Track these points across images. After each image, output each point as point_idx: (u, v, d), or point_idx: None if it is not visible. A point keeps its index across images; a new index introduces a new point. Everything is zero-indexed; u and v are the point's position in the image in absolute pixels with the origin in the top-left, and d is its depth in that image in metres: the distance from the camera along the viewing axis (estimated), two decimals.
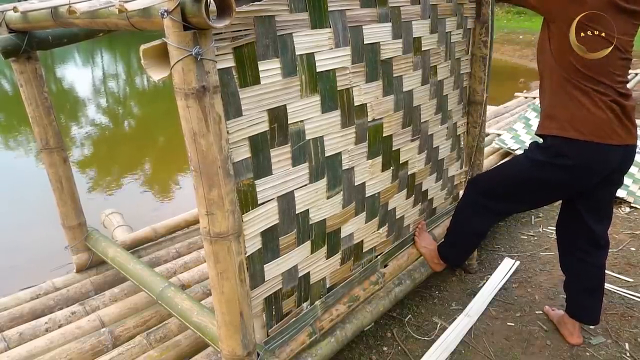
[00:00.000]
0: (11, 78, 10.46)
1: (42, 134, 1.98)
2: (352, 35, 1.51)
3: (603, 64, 1.57)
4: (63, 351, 1.74)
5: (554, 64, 1.65)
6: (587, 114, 1.59)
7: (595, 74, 1.58)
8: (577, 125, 1.60)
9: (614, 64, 1.58)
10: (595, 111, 1.58)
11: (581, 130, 1.60)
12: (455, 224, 2.12)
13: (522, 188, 1.79)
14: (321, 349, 1.69)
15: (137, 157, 5.72)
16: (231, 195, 1.14)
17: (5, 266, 3.10)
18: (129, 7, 0.97)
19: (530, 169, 1.72)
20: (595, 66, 1.57)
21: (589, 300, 1.90)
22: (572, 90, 1.61)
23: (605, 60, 1.56)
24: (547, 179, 1.69)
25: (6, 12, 1.68)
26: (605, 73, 1.58)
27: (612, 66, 1.58)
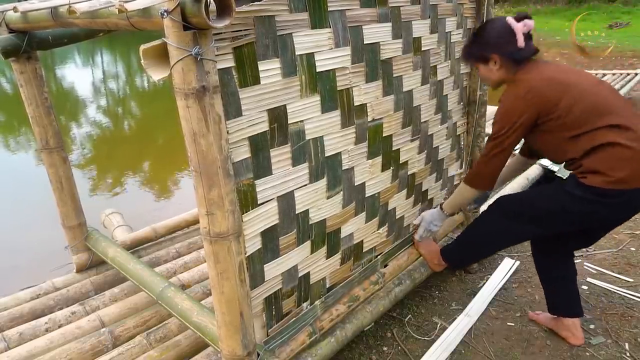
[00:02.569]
0: (11, 78, 10.45)
1: (42, 134, 1.98)
2: (352, 35, 1.51)
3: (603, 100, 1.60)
4: (63, 351, 1.74)
5: (561, 139, 1.63)
6: (622, 151, 1.53)
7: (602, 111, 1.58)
8: (618, 172, 1.52)
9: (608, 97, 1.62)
10: (631, 145, 1.53)
11: (626, 180, 1.52)
12: (470, 235, 2.03)
13: (554, 218, 1.71)
14: (321, 349, 1.69)
15: (137, 157, 5.72)
16: (231, 195, 1.14)
17: (5, 266, 3.10)
18: (129, 7, 0.97)
19: (570, 203, 1.64)
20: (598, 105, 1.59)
21: (575, 291, 1.95)
22: (593, 137, 1.57)
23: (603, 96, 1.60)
24: (585, 213, 1.63)
25: (6, 12, 1.68)
26: (609, 107, 1.59)
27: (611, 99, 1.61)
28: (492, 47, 1.72)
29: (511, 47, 1.68)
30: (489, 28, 1.77)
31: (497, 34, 1.72)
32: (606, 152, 1.54)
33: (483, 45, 1.75)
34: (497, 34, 1.72)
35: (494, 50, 1.72)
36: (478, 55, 1.78)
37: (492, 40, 1.72)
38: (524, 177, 3.32)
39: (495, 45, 1.71)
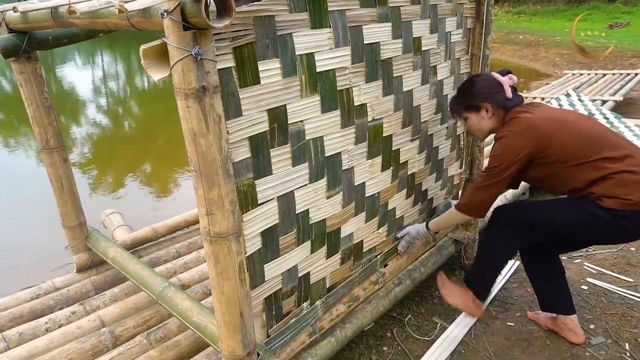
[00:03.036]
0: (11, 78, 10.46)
1: (42, 134, 1.98)
2: (352, 35, 1.51)
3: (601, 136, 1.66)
4: (63, 351, 1.74)
5: (567, 169, 1.65)
6: (630, 176, 1.58)
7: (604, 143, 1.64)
8: (634, 195, 1.57)
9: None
10: (636, 170, 1.60)
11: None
12: (488, 255, 1.93)
13: (570, 231, 1.72)
14: (321, 349, 1.69)
15: (137, 157, 5.72)
16: (231, 195, 1.14)
17: (5, 266, 3.10)
18: (129, 7, 0.97)
19: (590, 220, 1.64)
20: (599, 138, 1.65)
21: (566, 288, 1.97)
22: (596, 167, 1.62)
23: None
24: (602, 231, 1.66)
25: (6, 12, 1.68)
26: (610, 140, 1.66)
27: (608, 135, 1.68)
28: (483, 97, 1.81)
29: (500, 97, 1.79)
30: (477, 81, 1.88)
31: (486, 85, 1.82)
32: (615, 179, 1.59)
33: (474, 96, 1.83)
34: (486, 85, 1.82)
35: (485, 99, 1.80)
36: (470, 104, 1.84)
37: (482, 91, 1.82)
38: None
39: (486, 95, 1.80)
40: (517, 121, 1.71)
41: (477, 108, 1.82)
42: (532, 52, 11.50)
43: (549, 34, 13.53)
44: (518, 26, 15.43)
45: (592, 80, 6.54)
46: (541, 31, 14.12)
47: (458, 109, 1.90)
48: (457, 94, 1.92)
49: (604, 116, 4.66)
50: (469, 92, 1.86)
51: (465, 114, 1.87)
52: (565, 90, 5.41)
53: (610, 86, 6.02)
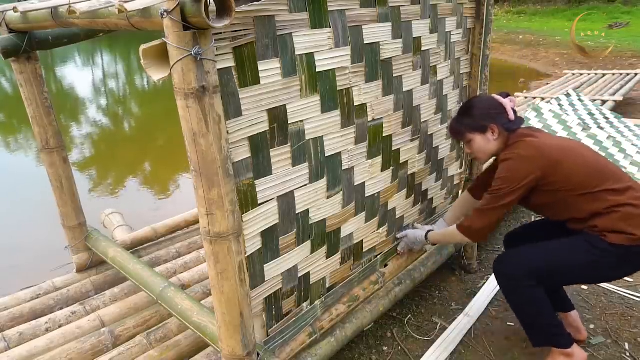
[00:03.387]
0: (11, 78, 10.46)
1: (42, 134, 1.98)
2: (352, 35, 1.51)
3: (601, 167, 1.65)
4: (63, 351, 1.74)
5: (570, 197, 1.63)
6: (632, 210, 1.58)
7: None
8: (638, 229, 1.56)
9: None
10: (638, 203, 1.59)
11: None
12: (521, 315, 1.79)
13: (573, 272, 1.68)
14: (321, 349, 1.69)
15: (137, 157, 5.73)
16: (231, 195, 1.14)
17: (5, 266, 3.10)
18: (129, 7, 0.97)
19: (600, 257, 1.61)
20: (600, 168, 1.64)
21: (562, 290, 1.98)
22: (598, 198, 1.60)
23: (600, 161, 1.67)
24: (605, 268, 1.64)
25: (6, 12, 1.68)
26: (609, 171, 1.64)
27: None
28: (490, 118, 1.75)
29: (504, 119, 1.75)
30: (480, 102, 1.82)
31: (491, 106, 1.77)
32: (619, 213, 1.57)
33: (480, 116, 1.77)
34: (490, 106, 1.77)
35: (492, 120, 1.74)
36: (476, 125, 1.77)
37: (488, 112, 1.76)
38: None
39: (492, 116, 1.75)
40: (524, 144, 1.66)
41: (484, 129, 1.76)
42: (532, 52, 11.51)
43: (549, 34, 13.53)
44: (518, 26, 15.43)
45: (592, 80, 6.54)
46: (541, 31, 14.13)
47: (462, 130, 1.82)
48: (459, 114, 1.85)
49: (604, 116, 4.66)
50: (473, 112, 1.78)
51: (470, 135, 1.79)
52: (565, 90, 5.41)
53: (610, 86, 6.03)
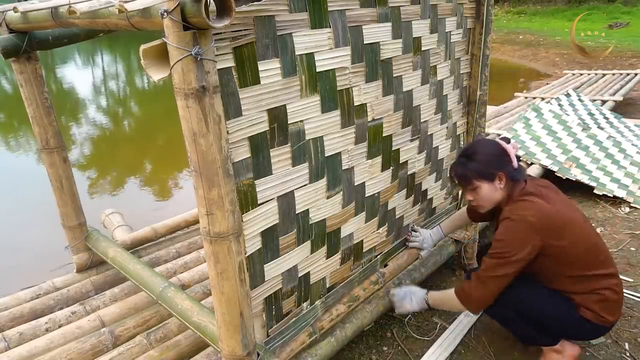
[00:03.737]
0: (11, 78, 10.46)
1: (42, 134, 1.98)
2: (352, 35, 1.51)
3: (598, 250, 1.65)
4: (63, 351, 1.74)
5: (560, 271, 1.64)
6: (611, 295, 1.63)
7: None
8: (609, 315, 1.63)
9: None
10: (619, 290, 1.65)
11: (611, 321, 1.65)
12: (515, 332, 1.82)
13: (553, 322, 1.69)
14: (321, 349, 1.69)
15: (137, 157, 5.73)
16: (231, 195, 1.14)
17: (5, 266, 3.10)
18: (129, 7, 0.97)
19: (571, 321, 1.66)
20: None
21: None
22: (592, 281, 1.62)
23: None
24: (577, 328, 1.68)
25: (6, 12, 1.68)
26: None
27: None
28: (498, 165, 1.66)
29: (511, 167, 1.67)
30: (485, 147, 1.72)
31: (498, 152, 1.69)
32: (598, 296, 1.61)
33: (488, 163, 1.67)
34: (497, 153, 1.68)
35: (500, 167, 1.66)
36: (484, 172, 1.67)
37: (496, 159, 1.68)
38: None
39: (500, 163, 1.67)
40: (530, 205, 1.59)
41: (492, 177, 1.66)
42: (532, 52, 11.51)
43: (549, 34, 13.53)
44: (518, 26, 15.44)
45: (592, 80, 6.54)
46: (541, 31, 14.13)
47: (468, 176, 1.69)
48: (465, 159, 1.71)
49: (604, 116, 4.66)
50: (480, 158, 1.68)
51: (477, 182, 1.68)
52: (565, 90, 5.41)
53: (610, 86, 6.03)
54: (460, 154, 1.75)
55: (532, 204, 1.60)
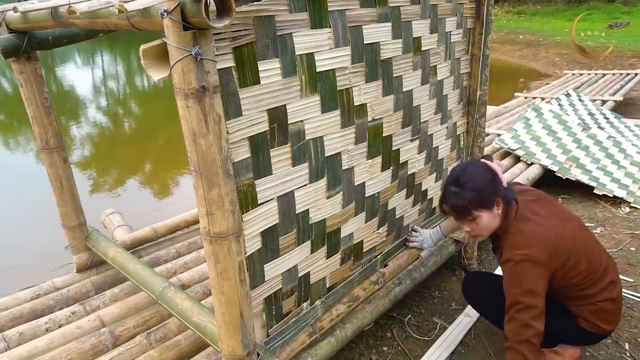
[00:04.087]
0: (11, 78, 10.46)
1: (42, 134, 1.98)
2: (352, 35, 1.51)
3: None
4: (63, 351, 1.74)
5: (560, 296, 1.65)
6: (609, 305, 1.63)
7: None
8: (605, 325, 1.64)
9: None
10: (617, 297, 1.64)
11: (608, 330, 1.66)
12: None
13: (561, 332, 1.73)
14: (321, 349, 1.69)
15: (138, 157, 5.73)
16: (231, 195, 1.14)
17: (5, 266, 3.10)
18: (129, 7, 0.97)
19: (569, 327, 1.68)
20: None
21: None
22: (592, 299, 1.62)
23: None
24: (571, 329, 1.69)
25: (6, 12, 1.68)
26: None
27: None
28: (494, 190, 1.56)
29: (502, 188, 1.58)
30: (475, 173, 1.59)
31: (489, 176, 1.58)
32: (596, 307, 1.61)
33: (485, 191, 1.56)
34: (490, 177, 1.58)
35: (496, 193, 1.56)
36: (483, 201, 1.55)
37: (490, 184, 1.57)
38: (524, 177, 3.32)
39: (496, 188, 1.56)
40: (530, 238, 1.51)
41: (491, 204, 1.55)
42: (532, 52, 11.51)
43: (549, 34, 13.53)
44: (518, 26, 15.43)
45: (592, 80, 6.54)
46: (541, 31, 14.13)
47: (466, 207, 1.56)
48: (458, 188, 1.56)
49: (604, 116, 4.66)
50: (476, 185, 1.55)
51: (477, 212, 1.56)
52: (565, 90, 5.41)
53: (610, 86, 6.03)
54: (451, 183, 1.60)
55: (531, 236, 1.52)
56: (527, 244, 1.51)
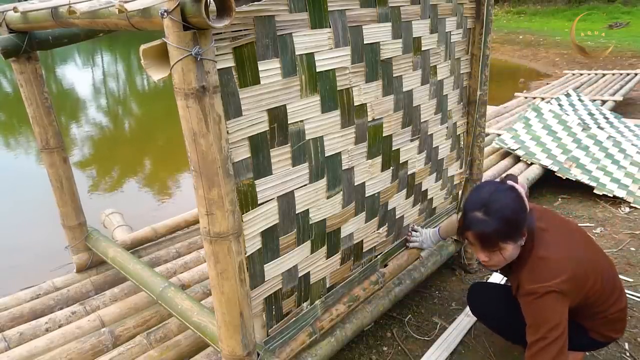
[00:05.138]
0: (11, 78, 10.46)
1: (42, 134, 1.98)
2: (352, 35, 1.51)
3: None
4: (63, 351, 1.74)
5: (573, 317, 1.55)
6: (618, 315, 1.62)
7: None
8: (614, 333, 1.63)
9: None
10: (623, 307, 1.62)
11: (615, 338, 1.66)
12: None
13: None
14: (321, 349, 1.69)
15: (137, 157, 5.73)
16: (231, 195, 1.14)
17: (5, 266, 3.10)
18: (129, 7, 0.97)
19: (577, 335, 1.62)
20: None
21: None
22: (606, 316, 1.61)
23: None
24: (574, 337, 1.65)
25: (6, 12, 1.68)
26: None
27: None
28: (523, 221, 1.45)
29: (527, 216, 1.47)
30: (505, 200, 1.45)
31: (519, 204, 1.45)
32: (605, 319, 1.59)
33: (516, 222, 1.44)
34: (518, 205, 1.45)
35: (525, 223, 1.45)
36: (513, 234, 1.44)
37: (520, 215, 1.44)
38: (524, 177, 3.32)
39: (524, 219, 1.45)
40: (553, 268, 1.43)
41: (519, 237, 1.45)
42: (532, 52, 11.51)
43: (549, 34, 13.53)
44: (518, 26, 15.44)
45: (592, 80, 6.55)
46: (541, 31, 14.13)
47: (493, 238, 1.43)
48: (487, 216, 1.43)
49: (604, 116, 4.66)
50: (507, 215, 1.43)
51: (503, 244, 1.44)
52: (565, 90, 5.41)
53: (610, 86, 6.03)
54: (476, 208, 1.46)
55: (553, 267, 1.43)
56: (550, 275, 1.42)
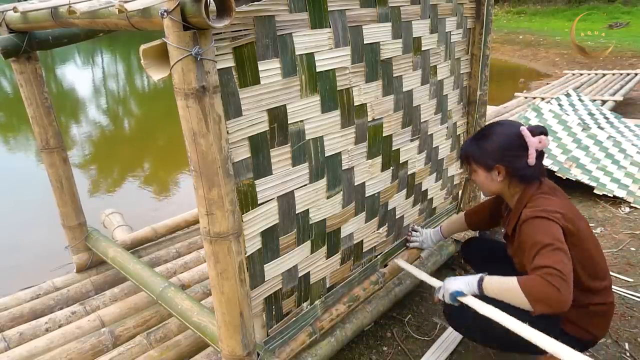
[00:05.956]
0: (11, 78, 10.46)
1: (42, 134, 1.98)
2: (352, 35, 1.51)
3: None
4: (63, 351, 1.74)
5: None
6: (601, 308, 1.56)
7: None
8: (596, 330, 1.57)
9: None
10: (608, 302, 1.56)
11: (599, 336, 1.59)
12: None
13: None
14: (321, 349, 1.69)
15: (137, 157, 5.73)
16: (231, 195, 1.14)
17: (5, 266, 3.10)
18: (129, 7, 0.97)
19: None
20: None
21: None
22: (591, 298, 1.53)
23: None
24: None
25: (6, 12, 1.68)
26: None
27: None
28: (499, 157, 1.52)
29: (519, 163, 1.50)
30: (499, 133, 1.55)
31: (508, 143, 1.52)
32: (587, 310, 1.51)
33: (488, 152, 1.54)
34: (507, 144, 1.52)
35: (500, 160, 1.52)
36: (482, 160, 1.57)
37: (499, 149, 1.52)
38: None
39: (503, 156, 1.52)
40: (552, 203, 1.46)
41: (489, 167, 1.56)
42: (532, 52, 11.51)
43: (549, 34, 13.53)
44: (518, 26, 15.43)
45: (592, 80, 6.54)
46: (541, 31, 14.13)
47: (468, 157, 1.62)
48: (473, 139, 1.63)
49: (604, 116, 4.66)
50: (488, 144, 1.55)
51: (475, 166, 1.61)
52: (565, 90, 5.41)
53: (610, 86, 6.03)
54: (478, 132, 1.67)
55: (553, 206, 1.45)
56: (550, 205, 1.45)
